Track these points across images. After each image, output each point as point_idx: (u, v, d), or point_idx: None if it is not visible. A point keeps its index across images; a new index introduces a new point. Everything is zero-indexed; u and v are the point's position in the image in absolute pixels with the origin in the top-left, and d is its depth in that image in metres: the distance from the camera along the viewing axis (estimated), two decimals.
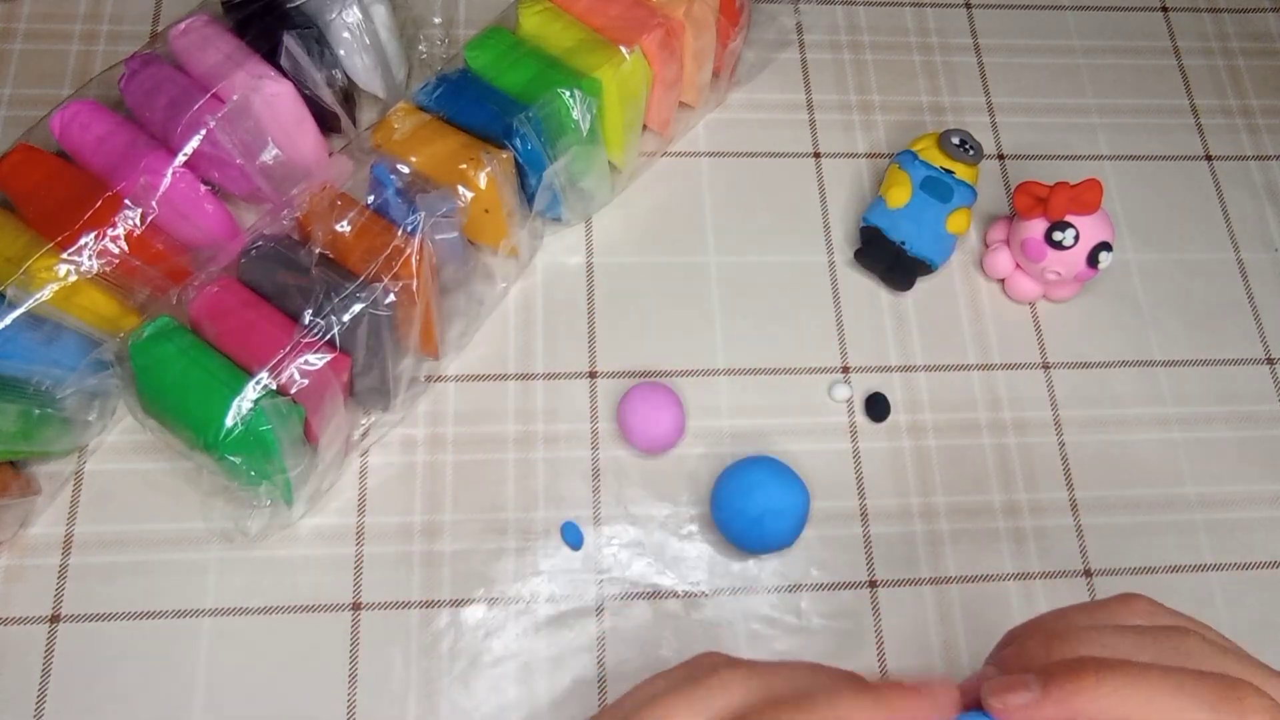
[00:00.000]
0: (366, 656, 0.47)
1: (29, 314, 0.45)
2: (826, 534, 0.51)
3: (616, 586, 0.49)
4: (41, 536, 0.48)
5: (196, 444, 0.44)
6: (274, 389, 0.44)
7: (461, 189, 0.49)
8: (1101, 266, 0.54)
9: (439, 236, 0.48)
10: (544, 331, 0.55)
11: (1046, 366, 0.56)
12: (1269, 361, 0.58)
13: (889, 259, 0.56)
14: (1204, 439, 0.55)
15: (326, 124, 0.55)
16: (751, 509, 0.46)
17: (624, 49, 0.51)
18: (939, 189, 0.55)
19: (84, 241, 0.46)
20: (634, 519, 0.51)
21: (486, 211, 0.50)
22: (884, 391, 0.55)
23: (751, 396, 0.54)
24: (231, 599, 0.48)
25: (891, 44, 0.65)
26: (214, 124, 0.48)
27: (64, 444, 0.49)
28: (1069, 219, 0.53)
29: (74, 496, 0.49)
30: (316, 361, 0.45)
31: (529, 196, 0.53)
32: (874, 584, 0.51)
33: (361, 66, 0.54)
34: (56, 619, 0.47)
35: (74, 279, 0.46)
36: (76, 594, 0.47)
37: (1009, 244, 0.57)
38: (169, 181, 0.48)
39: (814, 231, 0.59)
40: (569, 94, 0.50)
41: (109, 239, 0.47)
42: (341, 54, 0.54)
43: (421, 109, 0.52)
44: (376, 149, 0.51)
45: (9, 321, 0.45)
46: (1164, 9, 0.68)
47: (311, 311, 0.45)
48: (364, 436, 0.51)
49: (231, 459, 0.44)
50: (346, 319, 0.45)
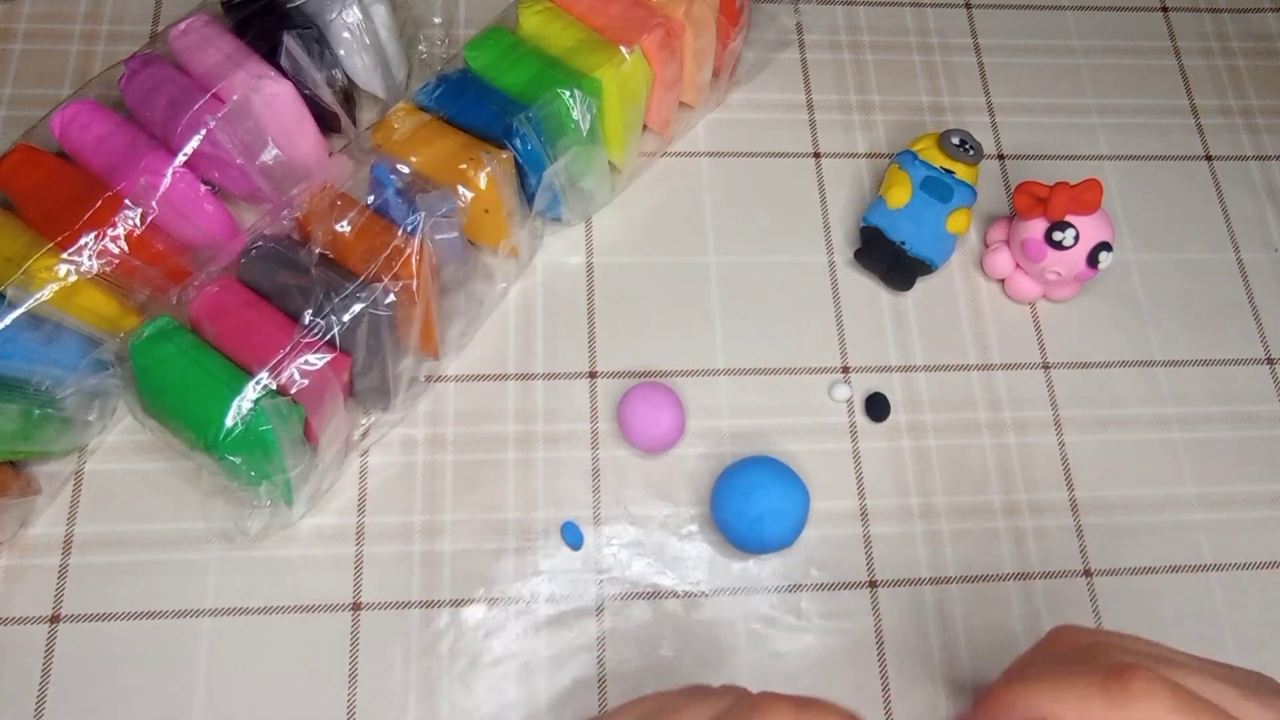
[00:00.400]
0: (366, 656, 0.47)
1: (29, 314, 0.45)
2: (826, 534, 0.51)
3: (616, 586, 0.49)
4: (41, 536, 0.48)
5: (196, 444, 0.44)
6: (274, 389, 0.44)
7: (461, 189, 0.49)
8: (1101, 266, 0.54)
9: (439, 236, 0.48)
10: (544, 331, 0.55)
11: (1046, 366, 0.56)
12: (1269, 361, 0.58)
13: (889, 259, 0.56)
14: (1204, 439, 0.55)
15: (326, 124, 0.55)
16: (751, 509, 0.46)
17: (624, 49, 0.51)
18: (939, 189, 0.55)
19: (84, 241, 0.46)
20: (634, 519, 0.51)
21: (486, 211, 0.50)
22: (884, 391, 0.55)
23: (751, 396, 0.54)
24: (231, 599, 0.48)
25: (891, 44, 0.65)
26: (214, 124, 0.48)
27: (64, 444, 0.49)
28: (1069, 219, 0.53)
29: (74, 496, 0.49)
30: (316, 361, 0.45)
31: (529, 196, 0.53)
32: (874, 584, 0.51)
33: (361, 66, 0.54)
34: (56, 619, 0.47)
35: (74, 279, 0.46)
36: (76, 594, 0.47)
37: (1009, 244, 0.57)
38: (169, 181, 0.48)
39: (814, 231, 0.59)
40: (569, 94, 0.50)
41: (109, 239, 0.46)
42: (341, 54, 0.54)
43: (421, 109, 0.52)
44: (376, 149, 0.51)
45: (9, 321, 0.45)
46: (1164, 9, 0.68)
47: (311, 311, 0.45)
48: (364, 436, 0.51)
49: (231, 459, 0.44)
50: (346, 319, 0.45)
